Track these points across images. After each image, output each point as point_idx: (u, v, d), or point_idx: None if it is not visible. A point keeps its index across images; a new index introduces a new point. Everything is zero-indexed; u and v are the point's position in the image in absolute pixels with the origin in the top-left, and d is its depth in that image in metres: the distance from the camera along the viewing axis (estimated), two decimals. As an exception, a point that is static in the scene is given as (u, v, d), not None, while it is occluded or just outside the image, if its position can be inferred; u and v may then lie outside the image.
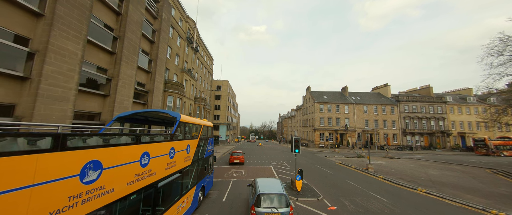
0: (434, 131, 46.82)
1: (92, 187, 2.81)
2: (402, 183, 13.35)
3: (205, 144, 9.49)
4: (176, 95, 22.71)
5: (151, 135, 4.88)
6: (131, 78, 15.25)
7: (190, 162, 7.05)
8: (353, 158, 27.50)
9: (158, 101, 19.44)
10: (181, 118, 6.19)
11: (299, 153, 11.55)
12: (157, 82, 19.04)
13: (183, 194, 6.38)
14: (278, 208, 6.39)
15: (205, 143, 9.56)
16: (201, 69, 37.93)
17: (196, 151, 7.90)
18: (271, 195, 6.72)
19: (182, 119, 6.26)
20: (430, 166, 22.50)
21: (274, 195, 6.73)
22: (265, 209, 6.36)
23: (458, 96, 53.43)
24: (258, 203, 6.51)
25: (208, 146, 9.98)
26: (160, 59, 19.55)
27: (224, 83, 58.81)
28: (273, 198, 6.68)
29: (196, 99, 32.63)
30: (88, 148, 2.86)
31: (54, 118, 9.60)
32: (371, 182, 13.74)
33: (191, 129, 8.59)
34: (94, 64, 12.86)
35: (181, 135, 6.43)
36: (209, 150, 10.04)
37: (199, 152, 8.49)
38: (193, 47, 30.76)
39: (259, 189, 6.95)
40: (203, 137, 9.24)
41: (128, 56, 14.69)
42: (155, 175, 4.58)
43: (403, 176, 16.33)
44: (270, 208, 6.36)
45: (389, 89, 51.98)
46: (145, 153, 4.17)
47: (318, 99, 48.81)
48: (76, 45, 10.45)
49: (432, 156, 33.27)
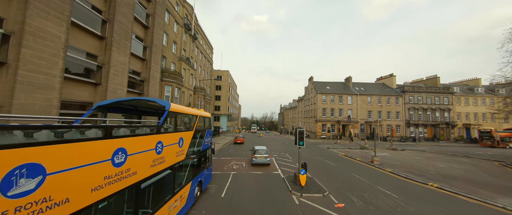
0: (438, 122, 45.92)
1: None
2: (411, 177, 12.69)
3: (202, 136, 8.73)
4: (174, 85, 21.80)
5: (129, 127, 4.08)
6: (124, 65, 14.31)
7: (183, 156, 6.30)
8: (356, 149, 26.91)
9: (155, 91, 18.59)
10: (172, 107, 5.36)
11: (304, 146, 10.81)
12: (153, 70, 18.08)
13: (175, 192, 5.69)
14: (263, 155, 15.09)
15: (202, 135, 8.79)
16: (200, 58, 36.68)
17: (192, 143, 7.15)
18: (261, 151, 15.69)
19: (173, 108, 5.43)
20: (436, 158, 21.85)
21: (262, 150, 15.74)
22: (257, 155, 15.13)
23: (465, 87, 51.94)
24: (254, 153, 15.37)
25: (206, 138, 9.22)
26: (155, 46, 18.46)
27: (224, 73, 57.52)
28: (261, 152, 15.52)
29: (196, 89, 31.72)
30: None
31: (37, 107, 8.81)
32: (378, 176, 13.10)
33: (185, 119, 7.78)
34: (83, 50, 11.89)
35: (171, 127, 5.64)
36: (206, 142, 9.30)
37: (195, 145, 7.74)
38: (191, 34, 29.39)
39: (255, 148, 16.18)
40: (199, 128, 8.46)
41: (119, 41, 13.66)
42: (136, 175, 3.82)
43: (410, 169, 15.68)
44: (260, 156, 15.03)
45: (395, 79, 50.53)
46: (120, 150, 3.38)
47: (320, 89, 47.66)
48: (58, 27, 9.44)
49: (437, 148, 32.64)
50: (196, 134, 7.68)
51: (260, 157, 15.07)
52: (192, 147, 7.27)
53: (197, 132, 7.83)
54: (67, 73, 10.66)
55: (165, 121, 4.97)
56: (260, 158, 15.03)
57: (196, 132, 7.76)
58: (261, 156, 15.07)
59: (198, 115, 8.03)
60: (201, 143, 8.52)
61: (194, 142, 7.43)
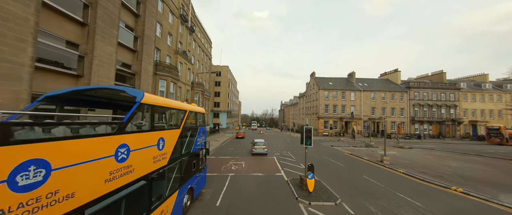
0: (444, 119, 44.59)
1: None
2: (428, 179, 11.43)
3: (193, 134, 7.41)
4: (169, 79, 20.43)
5: (71, 124, 2.78)
6: (111, 56, 12.94)
7: (166, 161, 5.01)
8: (361, 147, 25.66)
9: (148, 86, 17.24)
10: (145, 98, 4.02)
11: (311, 146, 9.51)
12: (145, 63, 16.70)
13: (154, 208, 4.41)
14: (261, 147, 18.19)
15: (194, 133, 7.47)
16: (198, 53, 35.16)
17: (178, 144, 5.85)
18: (259, 143, 18.74)
19: (147, 99, 4.09)
20: (447, 157, 20.61)
21: (260, 143, 18.81)
22: (256, 146, 18.26)
23: (472, 82, 50.43)
24: (254, 145, 18.51)
25: (198, 137, 7.90)
26: (147, 36, 17.03)
27: (224, 68, 55.98)
28: (260, 144, 18.59)
29: (194, 84, 30.35)
30: None
31: (0, 100, 7.50)
32: (392, 178, 11.84)
33: (168, 115, 6.44)
34: (61, 37, 10.50)
35: (147, 124, 4.33)
36: (199, 142, 7.99)
37: (184, 146, 6.44)
38: (188, 26, 27.84)
39: (255, 141, 19.28)
40: (189, 125, 7.15)
41: (104, 29, 12.26)
42: (73, 198, 2.51)
43: (424, 169, 14.43)
44: (258, 147, 18.14)
45: (399, 75, 49.02)
46: (34, 163, 2.06)
47: (323, 85, 46.22)
48: (24, 7, 8.06)
49: (444, 146, 31.41)
50: (184, 132, 6.37)
51: (258, 148, 18.54)
52: (179, 149, 5.98)
53: (186, 130, 6.52)
54: (41, 63, 9.34)
55: (133, 116, 3.65)
56: (258, 149, 18.51)
57: (185, 130, 6.45)
58: (259, 147, 18.55)
59: (188, 109, 6.70)
60: (192, 143, 7.21)
61: (181, 143, 6.13)
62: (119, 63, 15.24)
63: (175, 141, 5.55)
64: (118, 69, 14.79)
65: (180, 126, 6.00)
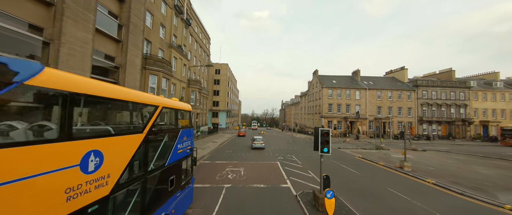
0: (454, 119, 42.49)
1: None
2: (469, 193, 9.39)
3: (171, 139, 5.36)
4: (161, 74, 18.39)
5: None
6: (86, 44, 10.93)
7: (107, 188, 2.99)
8: (371, 150, 23.62)
9: (135, 80, 15.22)
10: (42, 77, 2.02)
11: (330, 154, 7.48)
12: (131, 55, 14.67)
13: None
14: (260, 142, 22.37)
15: (173, 138, 5.43)
16: (195, 48, 33.10)
17: (139, 157, 3.84)
18: (258, 139, 22.91)
19: (49, 78, 2.07)
20: (469, 161, 18.57)
21: (259, 139, 22.97)
22: (256, 142, 22.44)
23: (482, 81, 48.27)
24: (254, 141, 22.80)
25: (180, 142, 5.86)
26: (134, 25, 15.00)
27: (223, 66, 53.91)
28: (259, 140, 22.75)
29: (190, 82, 28.30)
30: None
31: None
32: (423, 191, 9.80)
33: (117, 111, 4.42)
34: (19, 18, 8.51)
35: (55, 128, 2.32)
36: (181, 149, 5.94)
37: (153, 158, 4.41)
38: (184, 18, 25.78)
39: (254, 137, 23.69)
40: (165, 128, 5.13)
41: (76, 11, 10.24)
42: None
43: (451, 177, 12.42)
44: (257, 142, 22.36)
45: (406, 73, 46.93)
46: None
47: (326, 84, 44.14)
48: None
49: (456, 147, 29.39)
50: (154, 137, 4.36)
51: (257, 143, 22.51)
52: (142, 163, 3.98)
53: (156, 134, 4.50)
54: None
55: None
56: (257, 144, 22.42)
57: (155, 135, 4.44)
58: (258, 142, 22.56)
59: (160, 104, 4.64)
60: (169, 151, 5.17)
61: (147, 153, 4.11)
62: (101, 55, 13.28)
63: (132, 152, 3.53)
64: (99, 61, 12.82)
65: (144, 128, 3.98)
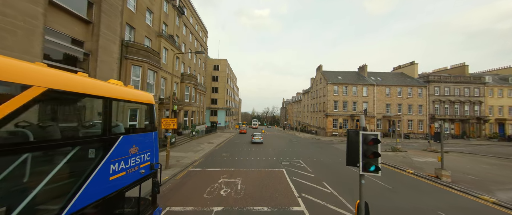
0: (468, 117, 39.76)
1: None
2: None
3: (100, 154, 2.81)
4: (146, 65, 15.79)
5: None
6: (34, 20, 8.39)
7: None
8: (387, 151, 21.09)
9: (111, 71, 12.66)
10: None
11: (379, 174, 4.74)
12: (104, 39, 12.10)
13: None
14: (259, 137, 26.53)
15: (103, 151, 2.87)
16: (190, 40, 30.44)
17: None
18: (257, 135, 27.40)
19: None
20: (504, 165, 16.09)
21: (258, 134, 27.58)
22: (255, 138, 26.44)
23: (497, 76, 45.40)
24: (253, 137, 26.79)
25: (119, 158, 3.25)
26: (109, 4, 12.42)
27: (222, 62, 51.23)
28: (258, 135, 27.20)
29: (184, 76, 25.69)
30: None
31: None
32: (481, 213, 7.23)
33: None
34: None
35: None
36: (121, 173, 3.31)
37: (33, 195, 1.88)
38: (176, 5, 23.10)
39: (254, 133, 28.43)
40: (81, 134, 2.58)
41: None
42: None
43: (504, 188, 9.83)
44: (256, 138, 26.44)
45: (416, 68, 44.13)
46: None
47: (331, 80, 41.43)
48: None
49: (475, 148, 26.89)
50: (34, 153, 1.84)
51: (256, 138, 26.27)
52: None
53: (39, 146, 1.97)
54: None
55: None
56: (256, 139, 26.11)
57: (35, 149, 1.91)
58: (257, 138, 26.35)
59: (33, 82, 2.04)
60: (84, 176, 2.62)
61: None
62: (68, 40, 10.74)
63: None
64: (62, 45, 10.28)
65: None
